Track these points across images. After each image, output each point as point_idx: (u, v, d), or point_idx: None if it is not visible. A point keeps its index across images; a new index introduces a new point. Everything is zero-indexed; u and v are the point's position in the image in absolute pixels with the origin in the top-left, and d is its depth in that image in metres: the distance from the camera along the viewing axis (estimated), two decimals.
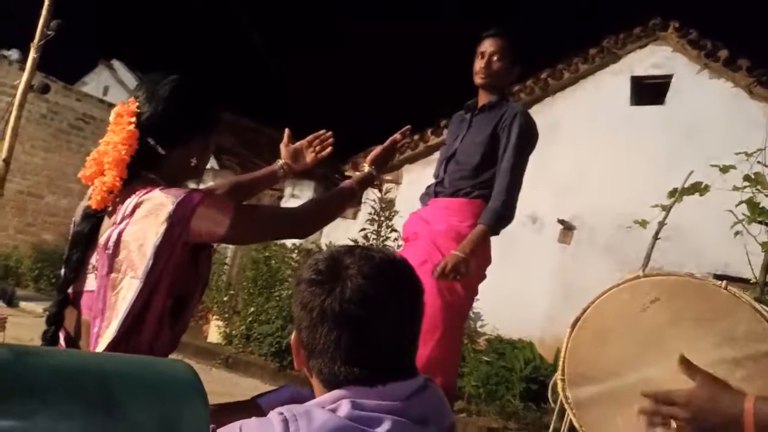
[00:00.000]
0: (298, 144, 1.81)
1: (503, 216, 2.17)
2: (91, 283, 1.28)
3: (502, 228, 2.20)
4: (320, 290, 0.85)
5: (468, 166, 2.28)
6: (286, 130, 1.80)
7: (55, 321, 1.28)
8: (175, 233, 1.21)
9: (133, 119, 1.30)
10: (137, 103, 1.32)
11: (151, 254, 1.19)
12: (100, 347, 1.19)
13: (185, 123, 1.37)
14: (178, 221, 1.21)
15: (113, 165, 1.27)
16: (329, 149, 1.83)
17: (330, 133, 1.83)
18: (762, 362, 1.00)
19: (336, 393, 0.82)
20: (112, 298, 1.22)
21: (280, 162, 1.78)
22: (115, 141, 1.28)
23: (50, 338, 1.28)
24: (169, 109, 1.33)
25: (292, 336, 0.92)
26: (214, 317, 6.40)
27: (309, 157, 1.82)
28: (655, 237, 4.78)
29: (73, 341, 1.29)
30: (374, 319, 0.84)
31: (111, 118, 1.33)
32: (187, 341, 5.50)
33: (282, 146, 1.79)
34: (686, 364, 0.99)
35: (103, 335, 1.20)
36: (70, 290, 1.30)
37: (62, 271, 1.32)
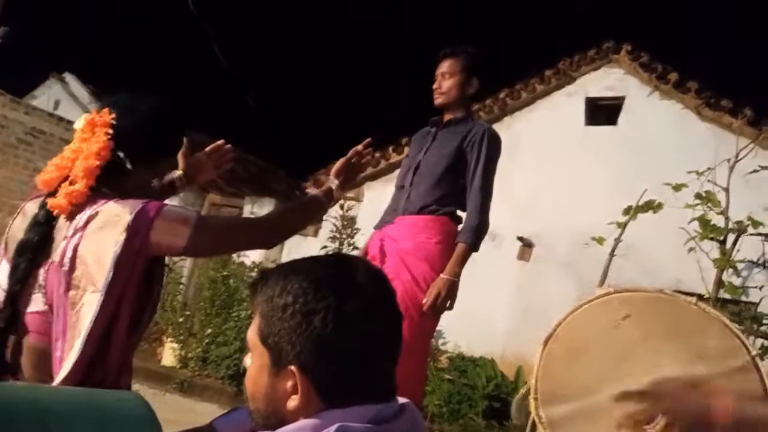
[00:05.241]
0: (196, 155, 1.70)
1: (481, 232, 2.21)
2: (37, 303, 1.20)
3: (480, 243, 2.22)
4: (315, 304, 0.79)
5: (431, 178, 2.29)
6: (185, 140, 1.65)
7: (1, 339, 1.19)
8: (135, 245, 1.15)
9: (109, 130, 1.25)
10: (113, 115, 1.27)
11: (111, 265, 1.13)
12: (65, 370, 1.11)
13: (160, 142, 1.35)
14: (136, 232, 1.15)
15: (86, 174, 1.21)
16: (230, 163, 1.76)
17: (229, 146, 1.74)
18: (734, 378, 1.00)
19: (323, 415, 0.77)
20: (73, 317, 1.14)
21: (178, 173, 1.67)
22: (89, 150, 1.23)
23: None
24: (147, 127, 1.31)
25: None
26: (169, 339, 6.18)
27: (210, 168, 1.72)
28: (612, 254, 4.90)
29: (7, 368, 1.19)
30: (366, 338, 0.80)
31: (79, 125, 1.28)
32: (140, 365, 5.28)
33: (180, 156, 1.66)
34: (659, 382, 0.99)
35: (67, 357, 1.12)
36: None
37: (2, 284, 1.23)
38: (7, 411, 0.48)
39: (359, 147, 1.73)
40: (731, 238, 4.14)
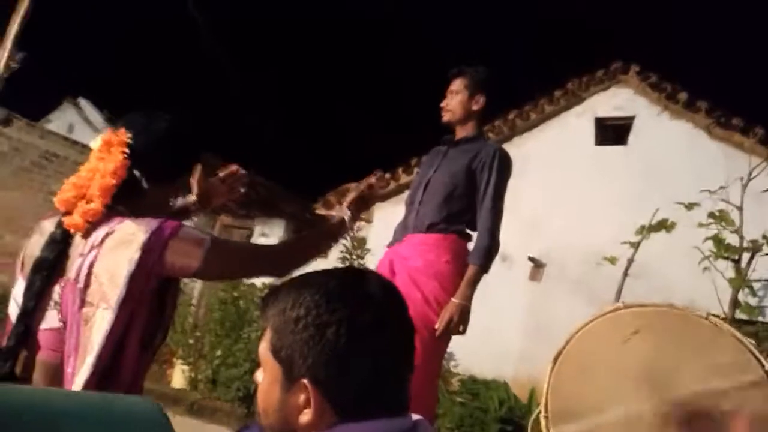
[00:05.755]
0: (210, 180, 1.71)
1: (492, 253, 2.21)
2: (51, 320, 1.21)
3: (491, 264, 2.22)
4: (328, 318, 0.78)
5: (440, 196, 2.30)
6: (199, 166, 1.65)
7: (12, 355, 1.19)
8: (149, 263, 1.16)
9: (126, 149, 1.27)
10: (129, 134, 1.29)
11: (124, 284, 1.14)
12: (76, 386, 1.12)
13: (176, 161, 1.37)
14: (151, 251, 1.16)
15: (102, 192, 1.23)
16: (243, 187, 1.76)
17: (243, 171, 1.75)
18: (748, 392, 0.97)
19: (336, 429, 0.75)
20: (86, 333, 1.15)
21: (192, 198, 1.67)
22: (106, 169, 1.25)
23: (5, 376, 1.18)
24: (163, 145, 1.32)
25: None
26: (179, 361, 6.17)
27: (223, 193, 1.73)
28: (625, 273, 4.84)
29: (16, 382, 1.20)
30: (379, 350, 0.79)
31: (96, 145, 1.30)
32: (150, 386, 5.26)
33: (195, 181, 1.65)
34: None
35: (78, 373, 1.13)
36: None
37: (15, 300, 1.24)
38: (20, 411, 0.49)
39: (372, 179, 1.75)
40: (746, 257, 4.08)
